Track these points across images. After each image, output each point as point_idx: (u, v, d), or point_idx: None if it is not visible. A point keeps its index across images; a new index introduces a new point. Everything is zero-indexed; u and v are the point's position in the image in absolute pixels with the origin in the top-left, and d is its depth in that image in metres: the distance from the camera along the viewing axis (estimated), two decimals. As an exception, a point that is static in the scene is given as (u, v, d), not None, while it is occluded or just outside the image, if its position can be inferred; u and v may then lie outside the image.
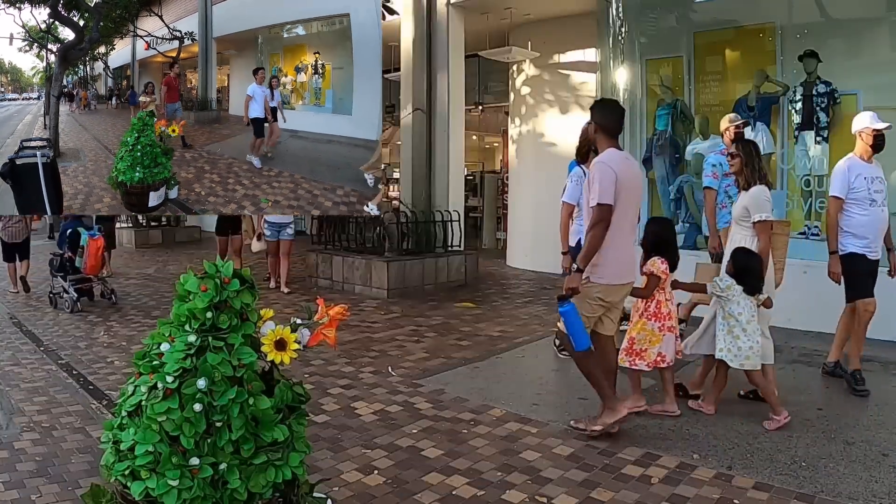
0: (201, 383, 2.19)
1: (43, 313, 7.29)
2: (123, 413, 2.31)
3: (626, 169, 3.63)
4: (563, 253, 5.07)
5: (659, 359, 3.99)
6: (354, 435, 3.76)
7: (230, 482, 2.25)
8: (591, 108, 3.91)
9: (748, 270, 3.86)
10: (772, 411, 3.86)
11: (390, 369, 5.02)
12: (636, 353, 4.01)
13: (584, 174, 4.67)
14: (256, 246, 8.76)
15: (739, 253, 3.98)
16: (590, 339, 3.57)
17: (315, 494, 2.58)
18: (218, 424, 2.23)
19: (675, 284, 4.03)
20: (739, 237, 4.12)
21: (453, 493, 3.07)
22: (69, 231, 7.40)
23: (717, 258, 5.03)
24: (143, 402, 2.23)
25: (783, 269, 4.36)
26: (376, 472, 3.29)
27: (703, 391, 4.23)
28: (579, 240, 4.49)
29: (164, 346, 2.28)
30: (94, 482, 2.42)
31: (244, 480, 2.28)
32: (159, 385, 2.21)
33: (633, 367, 4.03)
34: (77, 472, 3.26)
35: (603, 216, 3.53)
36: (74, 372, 5.01)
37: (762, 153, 6.87)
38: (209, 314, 2.27)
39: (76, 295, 7.24)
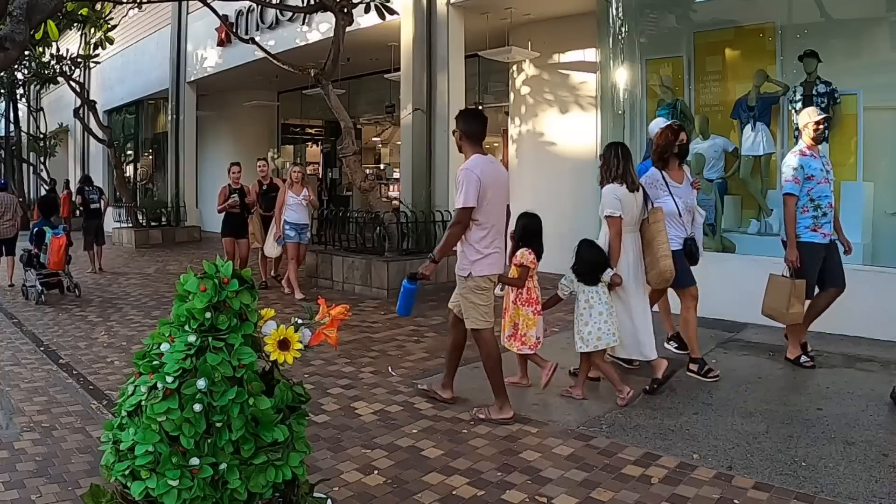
0: (201, 383, 2.19)
1: (43, 313, 7.30)
2: (123, 413, 2.31)
3: (489, 172, 3.94)
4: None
5: (536, 341, 4.42)
6: (354, 435, 3.76)
7: (230, 482, 2.25)
8: (457, 118, 4.16)
9: (584, 260, 4.28)
10: (616, 389, 4.25)
11: (390, 369, 5.02)
12: (520, 337, 4.43)
13: (663, 178, 4.68)
14: (273, 250, 8.36)
15: (581, 246, 4.40)
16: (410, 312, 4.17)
17: (315, 494, 2.58)
18: (218, 425, 2.23)
19: (500, 278, 4.17)
20: (602, 232, 4.53)
21: (453, 493, 3.07)
22: (36, 230, 8.28)
23: (795, 273, 4.70)
24: (143, 402, 2.23)
25: (667, 255, 4.46)
26: (376, 472, 3.29)
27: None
28: (684, 240, 4.76)
29: (164, 347, 2.28)
30: (94, 482, 2.42)
31: (244, 480, 2.28)
32: (159, 385, 2.21)
33: (520, 351, 4.45)
34: (77, 472, 3.26)
35: (462, 217, 3.88)
36: (74, 372, 5.01)
37: (762, 153, 6.95)
38: (208, 314, 2.27)
39: (41, 287, 7.91)
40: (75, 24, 12.60)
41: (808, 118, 4.92)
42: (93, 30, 12.80)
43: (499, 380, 4.01)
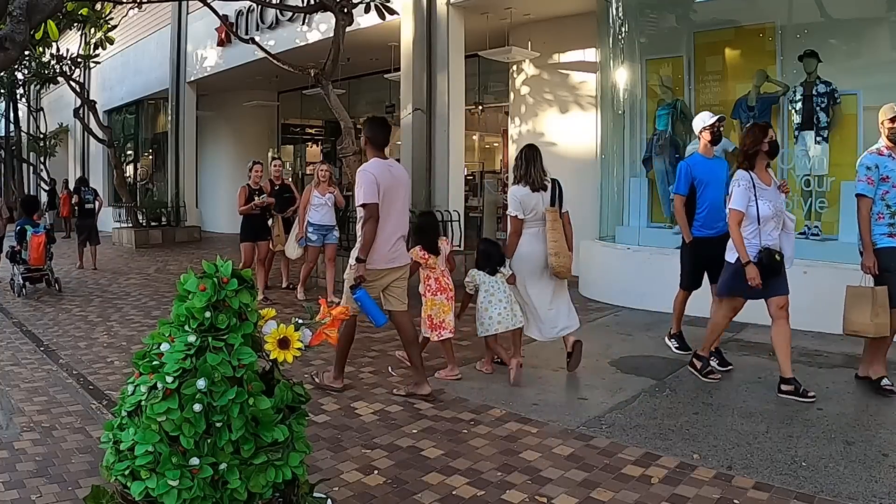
0: (201, 383, 2.19)
1: (43, 313, 7.30)
2: (123, 413, 2.31)
3: (385, 174, 4.30)
4: (745, 264, 4.29)
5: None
6: (354, 435, 3.76)
7: (230, 482, 2.25)
8: (364, 124, 4.62)
9: (483, 254, 4.81)
10: (484, 362, 4.96)
11: (390, 369, 5.02)
12: (437, 325, 4.67)
13: (751, 180, 4.33)
14: (294, 252, 7.85)
15: (481, 242, 5.07)
16: (385, 315, 4.30)
17: (315, 494, 2.58)
18: (218, 425, 2.23)
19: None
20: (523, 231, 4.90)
21: (453, 493, 3.07)
22: (18, 228, 8.76)
23: (875, 280, 4.35)
24: (143, 402, 2.23)
25: (559, 252, 4.75)
26: (376, 472, 3.29)
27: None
28: (759, 250, 4.30)
29: (164, 346, 2.28)
30: (95, 482, 2.42)
31: (244, 480, 2.28)
32: (159, 385, 2.21)
33: (441, 338, 4.60)
34: (77, 472, 3.26)
35: (371, 212, 4.18)
36: (74, 372, 5.01)
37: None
38: (207, 314, 2.27)
39: (22, 281, 8.48)
40: (75, 24, 12.60)
41: (883, 115, 4.48)
42: (93, 30, 12.80)
43: (416, 358, 4.41)
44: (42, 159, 22.48)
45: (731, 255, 4.45)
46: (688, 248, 5.14)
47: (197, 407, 2.18)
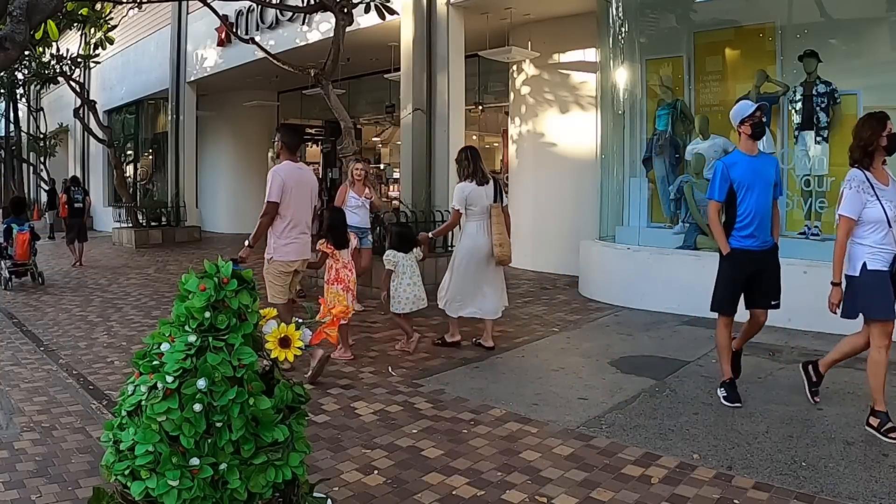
0: (201, 383, 2.19)
1: (43, 313, 7.30)
2: (123, 413, 2.31)
3: (293, 175, 4.80)
4: (835, 284, 3.92)
5: (345, 309, 4.93)
6: (354, 435, 3.76)
7: (230, 482, 2.25)
8: (278, 130, 5.16)
9: (398, 236, 5.37)
10: (405, 340, 5.47)
11: (390, 369, 5.02)
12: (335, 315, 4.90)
13: (867, 180, 3.74)
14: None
15: (394, 225, 5.68)
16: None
17: (315, 494, 2.58)
18: (218, 425, 2.23)
19: (309, 265, 5.16)
20: (468, 224, 5.45)
21: (453, 493, 3.07)
22: (4, 226, 9.42)
23: None
24: (143, 402, 2.23)
25: (503, 243, 5.35)
26: (376, 472, 3.29)
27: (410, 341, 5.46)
28: (864, 263, 3.75)
29: (165, 346, 2.29)
30: (95, 482, 2.42)
31: (244, 480, 2.28)
32: (159, 385, 2.21)
33: (337, 324, 4.79)
34: (77, 472, 3.26)
35: (269, 210, 4.73)
36: (74, 372, 5.01)
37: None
38: (207, 314, 2.27)
39: (8, 274, 9.10)
40: (75, 24, 12.60)
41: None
42: (93, 30, 12.79)
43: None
44: (42, 159, 22.49)
45: (851, 268, 3.80)
46: (725, 263, 4.32)
47: (197, 407, 2.18)
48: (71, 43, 16.34)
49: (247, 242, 4.74)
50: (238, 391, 2.24)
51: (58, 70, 14.76)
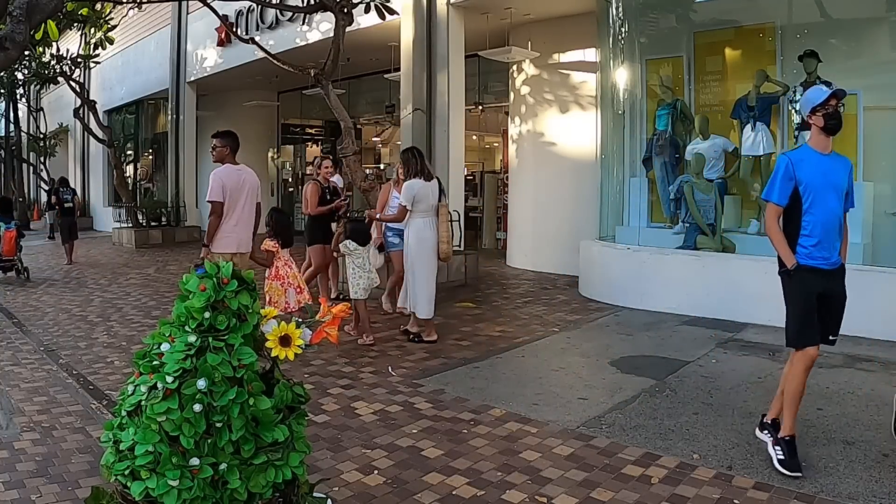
0: (201, 383, 2.19)
1: (43, 313, 7.30)
2: (123, 413, 2.31)
3: (232, 177, 5.33)
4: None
5: (286, 306, 5.39)
6: (354, 435, 3.76)
7: (230, 482, 2.25)
8: (220, 136, 5.47)
9: (354, 231, 5.84)
10: (366, 333, 5.77)
11: (390, 369, 5.02)
12: (273, 304, 5.31)
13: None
14: (377, 260, 6.50)
15: (350, 222, 6.20)
16: None
17: (315, 494, 2.58)
18: (218, 425, 2.23)
19: (259, 261, 5.55)
20: (415, 220, 5.74)
21: (453, 493, 3.07)
22: None
23: None
24: (143, 402, 2.23)
25: (448, 241, 5.79)
26: (376, 472, 3.29)
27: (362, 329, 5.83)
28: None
29: (165, 346, 2.28)
30: (95, 482, 2.42)
31: (244, 480, 2.28)
32: (159, 385, 2.21)
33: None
34: (77, 472, 3.26)
35: (215, 209, 5.25)
36: (74, 372, 5.01)
37: (762, 153, 6.95)
38: (206, 314, 2.27)
39: None
40: (75, 24, 12.59)
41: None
42: (93, 30, 12.79)
43: None
44: (42, 159, 22.48)
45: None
46: (793, 283, 3.42)
47: (197, 407, 2.18)
48: (71, 43, 16.33)
49: (203, 243, 5.34)
50: (238, 391, 2.24)
51: (58, 70, 14.75)
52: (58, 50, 14.47)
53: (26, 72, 16.87)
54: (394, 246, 6.56)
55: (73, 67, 15.00)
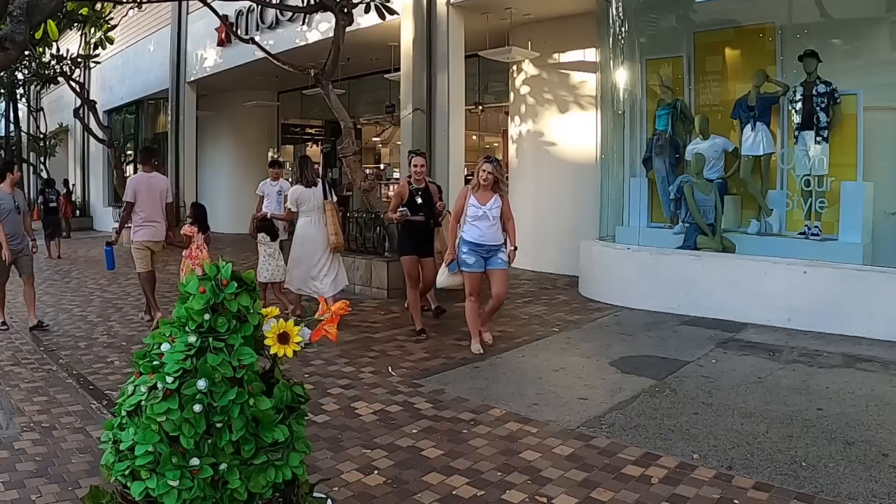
0: (201, 384, 2.19)
1: (43, 313, 7.29)
2: (123, 413, 2.31)
3: (143, 182, 6.69)
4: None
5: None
6: (354, 435, 3.76)
7: (230, 482, 2.25)
8: (141, 152, 7.46)
9: (266, 228, 6.88)
10: (292, 310, 6.55)
11: (390, 369, 5.02)
12: (183, 276, 6.16)
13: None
14: (447, 279, 5.80)
15: (263, 220, 7.08)
16: (114, 265, 7.42)
17: (315, 494, 2.58)
18: (218, 425, 2.23)
19: (177, 244, 6.95)
20: (300, 219, 6.57)
21: (453, 493, 3.07)
22: None
23: None
24: (143, 402, 2.23)
25: (337, 233, 6.49)
26: (376, 472, 3.29)
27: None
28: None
29: (165, 347, 2.29)
30: (94, 482, 2.42)
31: (244, 480, 2.28)
32: (159, 385, 2.21)
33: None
34: (77, 472, 3.26)
35: (127, 208, 6.69)
36: (74, 372, 5.01)
37: (762, 153, 6.95)
38: (206, 315, 2.27)
39: None
40: (75, 24, 12.59)
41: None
42: (93, 30, 12.79)
43: (148, 295, 6.67)
44: (42, 159, 22.45)
45: None
46: None
47: (197, 407, 2.19)
48: (71, 43, 16.32)
49: (113, 229, 6.57)
50: (238, 392, 2.24)
51: (58, 70, 14.75)
52: (58, 50, 14.47)
53: (26, 72, 16.86)
54: (467, 266, 5.50)
55: (73, 67, 14.99)
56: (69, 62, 14.77)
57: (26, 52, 12.94)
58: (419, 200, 6.24)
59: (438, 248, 6.59)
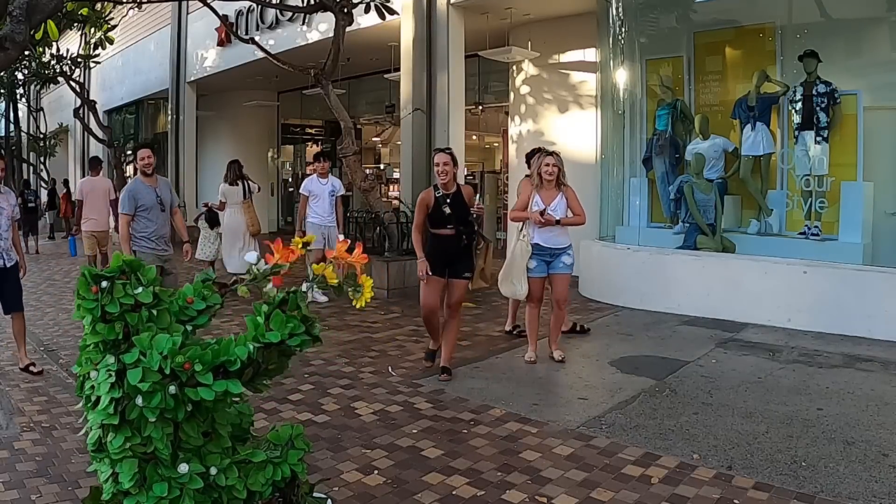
0: (140, 401, 2.12)
1: (43, 313, 7.29)
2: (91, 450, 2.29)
3: (88, 185, 8.75)
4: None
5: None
6: (354, 435, 3.76)
7: (229, 480, 2.24)
8: (89, 161, 9.25)
9: (208, 217, 8.36)
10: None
11: (390, 369, 5.02)
12: None
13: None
14: (511, 289, 5.21)
15: (209, 211, 8.40)
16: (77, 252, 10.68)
17: (315, 494, 2.58)
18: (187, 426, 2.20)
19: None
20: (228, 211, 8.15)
21: (453, 493, 3.07)
22: None
23: None
24: (103, 441, 2.21)
25: (253, 223, 8.12)
26: (376, 472, 3.29)
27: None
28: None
29: (93, 374, 2.23)
30: (94, 482, 2.42)
31: (243, 479, 2.27)
32: (105, 422, 2.17)
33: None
34: (77, 472, 3.26)
35: (79, 205, 8.71)
36: (75, 372, 5.00)
37: (762, 153, 6.95)
38: (105, 326, 2.19)
39: None
40: (75, 24, 12.59)
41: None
42: (93, 30, 12.79)
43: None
44: (42, 159, 22.47)
45: None
46: None
47: (151, 417, 2.13)
48: (71, 43, 16.32)
49: (72, 222, 7.80)
50: (175, 385, 2.14)
51: (58, 70, 14.74)
52: (58, 50, 14.46)
53: (26, 72, 16.85)
54: (528, 271, 5.12)
55: (73, 67, 14.99)
56: (69, 62, 14.77)
57: (26, 52, 12.95)
58: (447, 210, 4.75)
59: (482, 266, 5.84)
